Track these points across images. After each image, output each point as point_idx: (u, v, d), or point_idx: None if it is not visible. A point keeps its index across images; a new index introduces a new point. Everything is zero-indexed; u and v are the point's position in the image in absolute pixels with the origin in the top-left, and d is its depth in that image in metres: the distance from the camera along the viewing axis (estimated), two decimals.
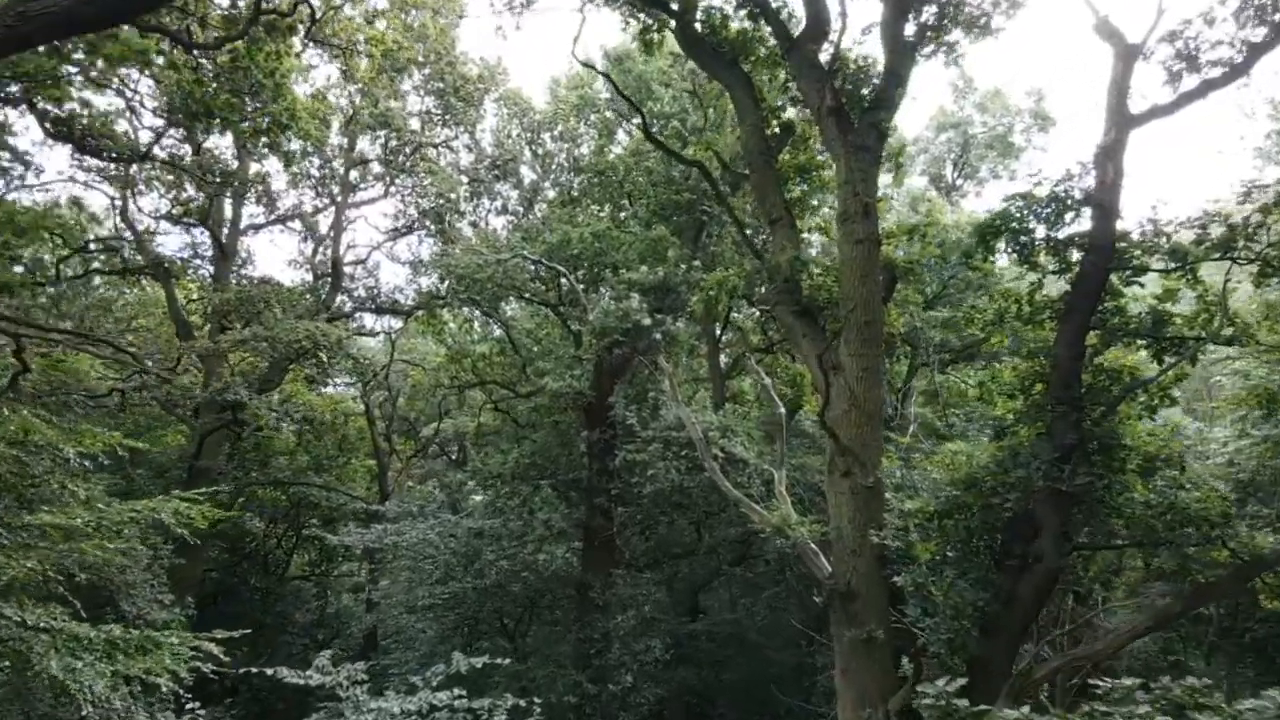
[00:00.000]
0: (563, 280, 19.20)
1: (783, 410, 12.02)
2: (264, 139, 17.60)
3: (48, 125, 14.94)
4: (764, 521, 10.36)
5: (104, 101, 20.87)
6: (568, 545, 18.36)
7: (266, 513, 29.00)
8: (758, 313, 28.53)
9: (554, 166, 26.10)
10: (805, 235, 14.70)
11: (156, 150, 17.20)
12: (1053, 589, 9.56)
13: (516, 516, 18.09)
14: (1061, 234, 9.12)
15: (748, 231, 12.25)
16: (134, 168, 23.49)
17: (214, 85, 16.63)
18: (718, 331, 26.58)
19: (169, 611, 12.57)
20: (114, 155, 15.68)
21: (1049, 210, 8.97)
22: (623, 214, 21.31)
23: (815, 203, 12.67)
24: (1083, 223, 9.04)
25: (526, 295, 20.93)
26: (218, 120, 16.93)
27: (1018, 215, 9.06)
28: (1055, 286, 9.59)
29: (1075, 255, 9.08)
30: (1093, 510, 9.12)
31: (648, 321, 16.82)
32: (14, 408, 9.23)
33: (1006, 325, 9.92)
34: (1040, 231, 9.17)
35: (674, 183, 19.54)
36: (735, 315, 25.73)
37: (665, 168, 19.71)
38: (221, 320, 19.85)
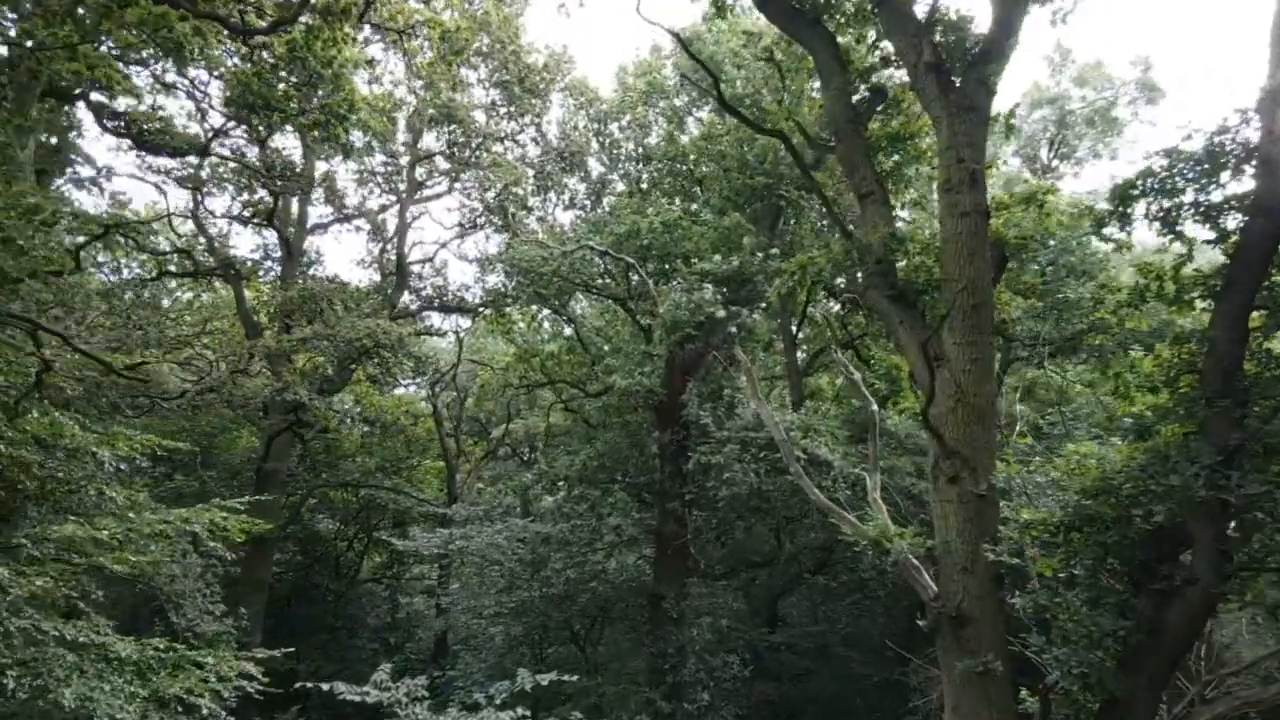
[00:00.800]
0: (632, 273, 18.22)
1: (875, 407, 10.76)
2: (323, 132, 17.16)
3: (105, 121, 14.69)
4: (859, 533, 9.15)
5: (176, 105, 20.84)
6: (639, 552, 17.36)
7: (338, 514, 28.88)
8: (837, 306, 27.14)
9: (622, 158, 25.20)
10: (900, 212, 13.36)
11: (220, 147, 16.82)
12: (1209, 616, 8.14)
13: (585, 522, 17.16)
14: (1216, 196, 7.68)
15: (833, 212, 11.00)
16: (205, 170, 23.58)
17: (272, 77, 16.21)
18: (794, 327, 25.32)
19: (220, 623, 12.01)
20: (173, 151, 15.30)
21: (1201, 168, 7.54)
22: (694, 204, 20.18)
23: (910, 174, 11.34)
24: (1243, 183, 7.60)
25: (594, 290, 20.01)
26: (276, 114, 16.53)
27: (1162, 175, 7.66)
28: (1206, 259, 8.15)
29: (1234, 221, 7.63)
30: (1257, 524, 7.67)
31: (722, 313, 15.73)
32: (44, 409, 8.73)
33: (1145, 308, 8.48)
34: (1189, 194, 7.74)
35: (748, 167, 18.36)
36: (812, 309, 24.47)
37: (739, 151, 18.56)
38: (286, 320, 19.50)
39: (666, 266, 18.11)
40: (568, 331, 26.79)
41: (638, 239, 18.43)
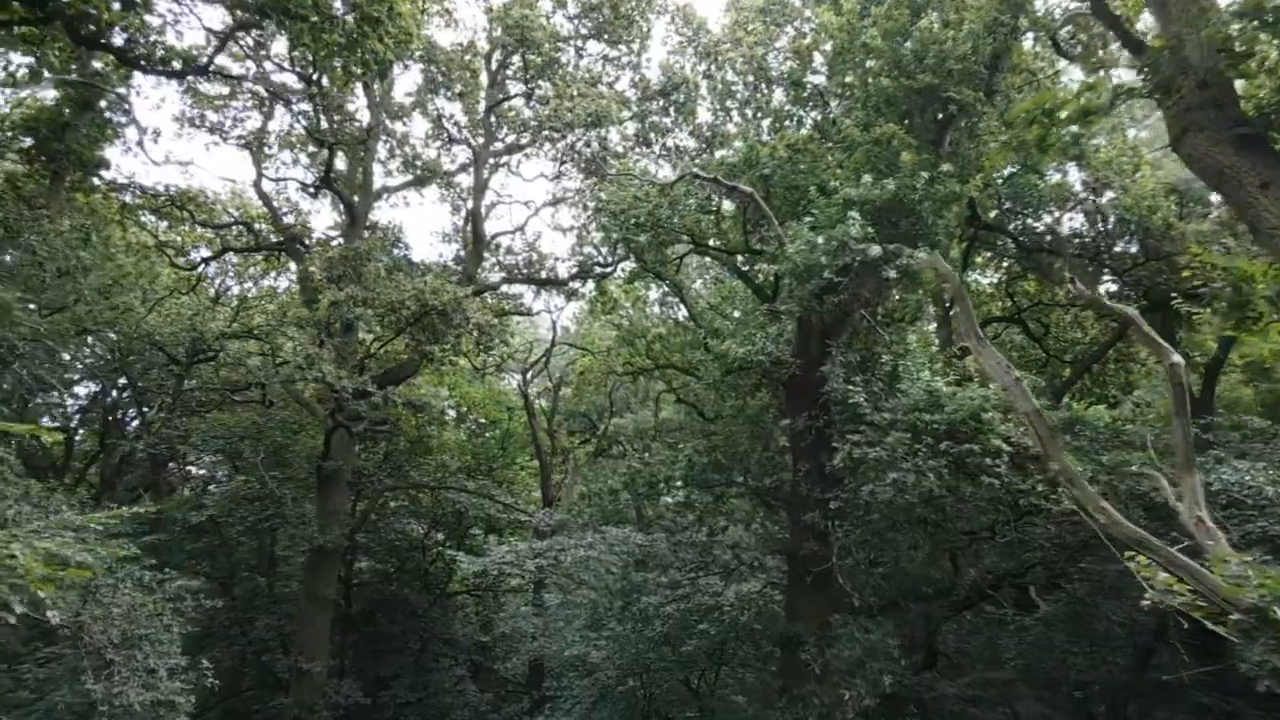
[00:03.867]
0: (750, 212, 14.00)
1: (1177, 358, 6.11)
2: (355, 55, 13.77)
3: (81, 32, 11.72)
4: (1222, 596, 4.63)
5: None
6: (765, 579, 13.06)
7: (424, 520, 25.80)
8: (997, 275, 22.07)
9: (737, 99, 20.90)
10: None
11: (226, 61, 13.69)
12: None
13: (691, 537, 13.01)
14: None
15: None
16: (268, 130, 20.85)
17: None
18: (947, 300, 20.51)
19: (169, 684, 8.45)
20: (166, 68, 12.19)
21: None
22: (832, 117, 15.66)
23: None
24: None
25: (702, 244, 15.84)
26: (297, 24, 13.24)
27: None
28: None
29: None
30: None
31: (876, 251, 11.33)
32: None
33: None
34: None
35: (902, 66, 13.76)
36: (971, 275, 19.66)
37: (890, 48, 13.97)
38: (336, 286, 16.25)
39: (796, 199, 13.77)
40: (681, 314, 22.91)
41: (756, 168, 14.20)
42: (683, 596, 12.57)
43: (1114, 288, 18.09)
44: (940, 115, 13.87)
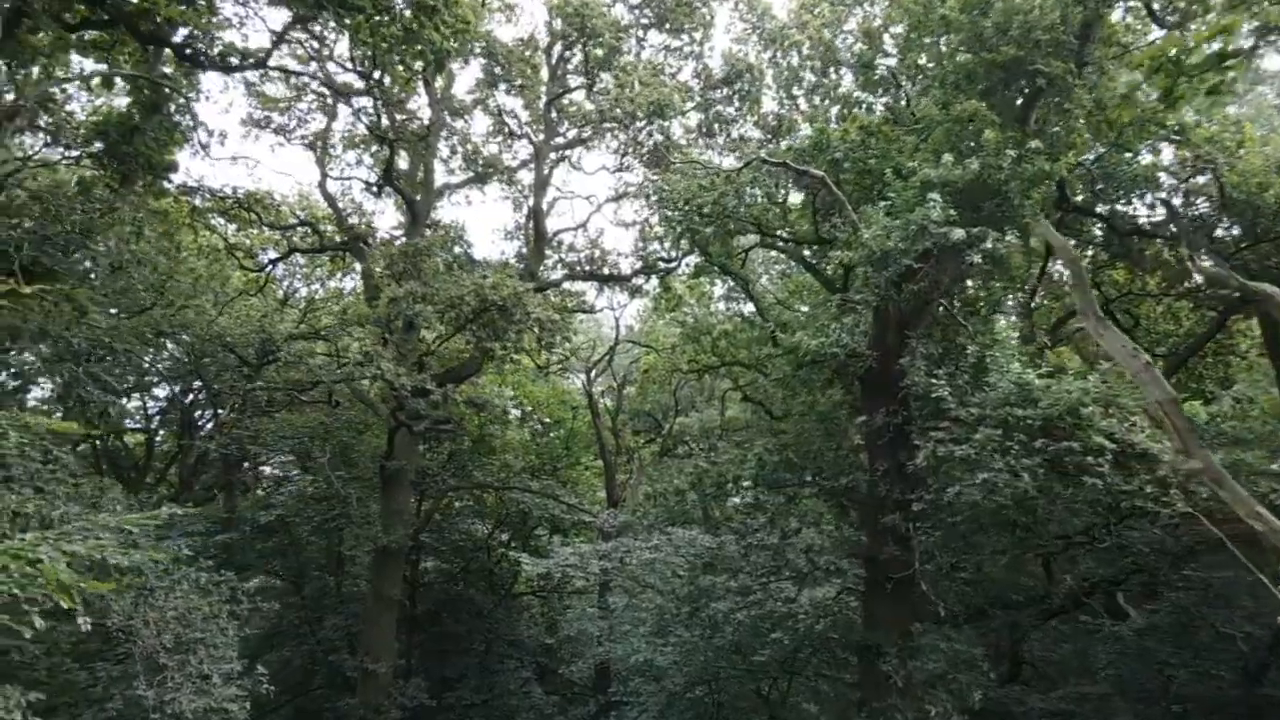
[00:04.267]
0: (821, 199, 13.32)
1: None
2: (412, 46, 13.52)
3: (141, 29, 11.72)
4: None
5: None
6: (841, 584, 12.36)
7: (489, 520, 25.64)
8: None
9: (802, 84, 20.17)
10: None
11: (290, 63, 13.60)
12: None
13: (762, 540, 12.39)
14: None
15: None
16: (332, 130, 20.90)
17: None
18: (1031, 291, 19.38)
19: (224, 689, 8.16)
20: (224, 62, 12.13)
21: None
22: (905, 100, 14.85)
23: None
24: None
25: (768, 233, 15.20)
26: (355, 17, 13.06)
27: None
28: None
29: None
30: None
31: (959, 235, 10.57)
32: None
33: None
34: None
35: (984, 39, 12.89)
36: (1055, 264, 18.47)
37: (970, 21, 13.11)
38: (397, 283, 16.08)
39: (869, 185, 13.04)
40: (748, 308, 22.25)
41: (826, 153, 13.51)
42: (754, 603, 11.97)
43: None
44: (1026, 90, 12.95)
